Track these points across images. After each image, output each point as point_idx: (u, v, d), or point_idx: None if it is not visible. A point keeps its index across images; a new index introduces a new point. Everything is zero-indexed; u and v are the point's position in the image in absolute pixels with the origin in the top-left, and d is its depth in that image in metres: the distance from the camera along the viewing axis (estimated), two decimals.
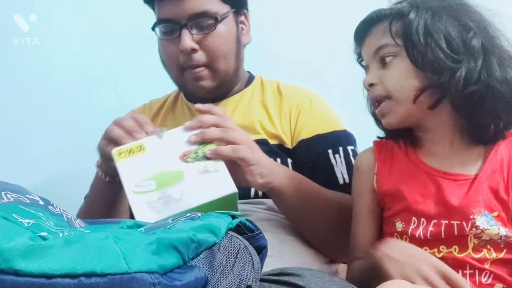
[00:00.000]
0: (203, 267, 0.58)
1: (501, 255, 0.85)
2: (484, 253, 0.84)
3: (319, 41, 1.65)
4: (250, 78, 1.25)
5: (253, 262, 0.62)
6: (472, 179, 0.87)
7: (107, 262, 0.51)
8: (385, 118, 0.92)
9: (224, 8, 1.13)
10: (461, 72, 0.84)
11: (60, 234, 0.54)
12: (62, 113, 1.61)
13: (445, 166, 0.89)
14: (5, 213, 0.54)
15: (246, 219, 0.70)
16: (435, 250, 0.86)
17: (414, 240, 0.87)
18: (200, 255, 0.59)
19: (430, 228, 0.86)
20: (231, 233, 0.65)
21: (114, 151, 0.89)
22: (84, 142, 1.57)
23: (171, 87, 1.26)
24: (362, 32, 0.95)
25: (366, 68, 0.96)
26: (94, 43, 1.63)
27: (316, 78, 1.58)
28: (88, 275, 0.50)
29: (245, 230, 0.69)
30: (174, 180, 0.85)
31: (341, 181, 1.10)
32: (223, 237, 0.63)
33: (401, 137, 0.96)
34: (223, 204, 0.85)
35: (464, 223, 0.84)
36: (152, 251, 0.54)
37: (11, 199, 0.59)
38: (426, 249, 0.86)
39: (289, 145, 1.13)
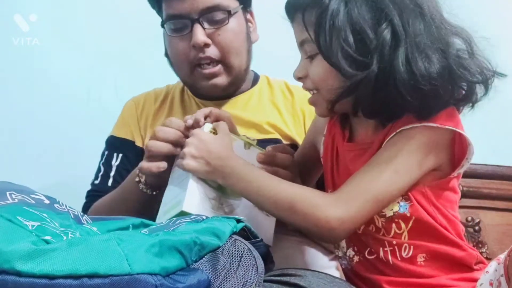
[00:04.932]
0: (206, 270, 0.58)
1: (411, 224, 0.81)
2: (393, 229, 0.82)
3: None
4: (256, 77, 1.24)
5: (257, 266, 0.62)
6: (369, 151, 0.84)
7: (110, 263, 0.51)
8: (315, 108, 0.90)
9: (234, 3, 1.12)
10: (373, 71, 0.75)
11: (64, 237, 0.55)
12: (62, 113, 1.61)
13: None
14: (10, 215, 0.54)
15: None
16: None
17: None
18: (204, 258, 0.59)
19: None
20: (235, 237, 0.65)
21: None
22: (84, 141, 1.58)
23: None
24: (290, 14, 0.85)
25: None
26: (94, 43, 1.62)
27: None
28: (91, 276, 0.50)
29: (249, 235, 0.69)
30: (234, 194, 0.88)
31: None
32: (227, 241, 0.63)
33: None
34: None
35: None
36: (154, 253, 0.54)
37: (16, 200, 0.59)
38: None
39: None
